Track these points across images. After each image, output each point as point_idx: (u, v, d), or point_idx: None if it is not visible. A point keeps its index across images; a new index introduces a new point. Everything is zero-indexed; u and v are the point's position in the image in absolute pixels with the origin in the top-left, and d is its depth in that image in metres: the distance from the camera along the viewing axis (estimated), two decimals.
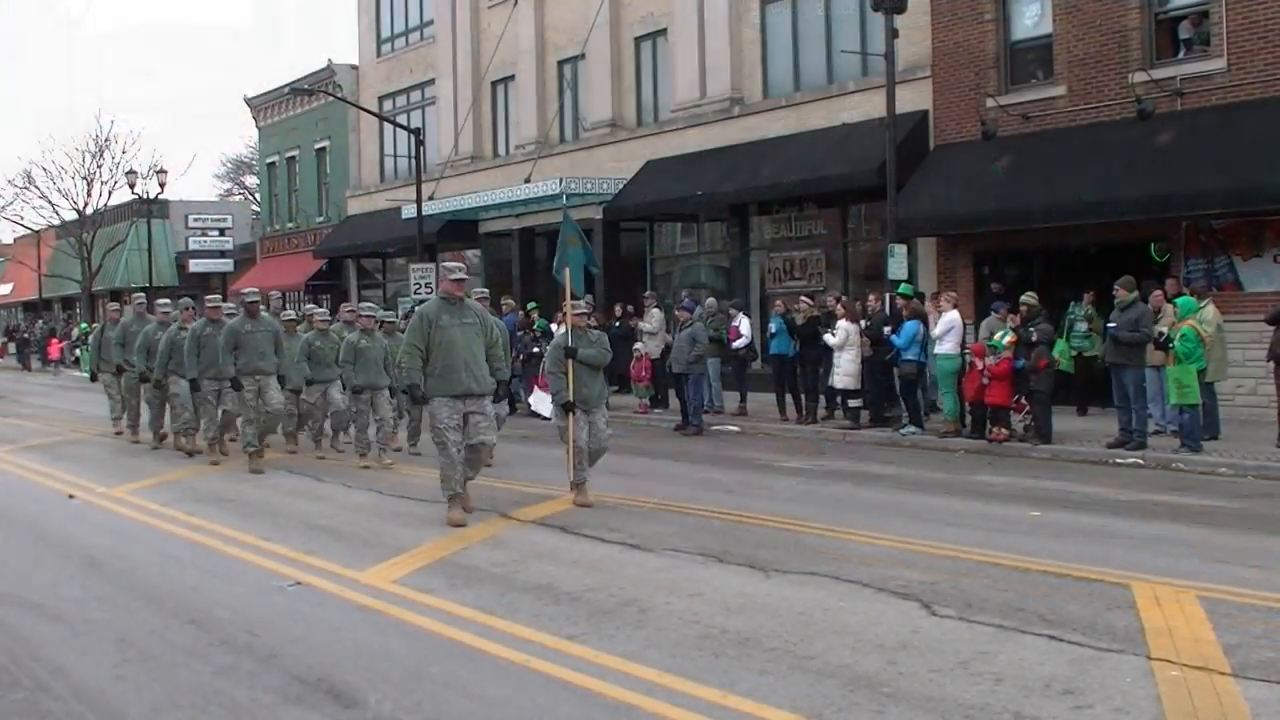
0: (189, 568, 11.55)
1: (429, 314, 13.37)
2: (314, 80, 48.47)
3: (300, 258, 50.24)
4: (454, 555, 11.68)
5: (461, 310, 13.47)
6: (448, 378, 13.19)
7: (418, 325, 13.34)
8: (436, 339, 13.21)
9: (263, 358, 18.49)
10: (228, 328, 18.60)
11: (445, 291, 13.63)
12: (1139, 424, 18.21)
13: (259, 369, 18.41)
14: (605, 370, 15.14)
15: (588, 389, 14.53)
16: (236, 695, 7.58)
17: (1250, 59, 21.21)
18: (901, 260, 23.14)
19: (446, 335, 13.20)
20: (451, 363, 13.18)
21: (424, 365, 13.31)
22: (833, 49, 29.04)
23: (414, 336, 13.31)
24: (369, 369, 18.85)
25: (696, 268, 33.82)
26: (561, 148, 37.30)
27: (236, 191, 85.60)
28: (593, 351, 14.60)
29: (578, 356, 14.45)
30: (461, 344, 13.25)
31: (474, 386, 13.33)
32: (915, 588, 9.81)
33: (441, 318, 13.28)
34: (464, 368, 13.23)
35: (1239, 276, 21.44)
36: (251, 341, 18.40)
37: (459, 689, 7.57)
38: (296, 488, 16.53)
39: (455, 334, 13.24)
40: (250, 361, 18.36)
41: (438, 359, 13.21)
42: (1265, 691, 7.14)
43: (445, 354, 13.20)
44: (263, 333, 18.64)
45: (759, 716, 6.92)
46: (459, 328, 13.29)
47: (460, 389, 13.23)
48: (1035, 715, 6.84)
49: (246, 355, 18.35)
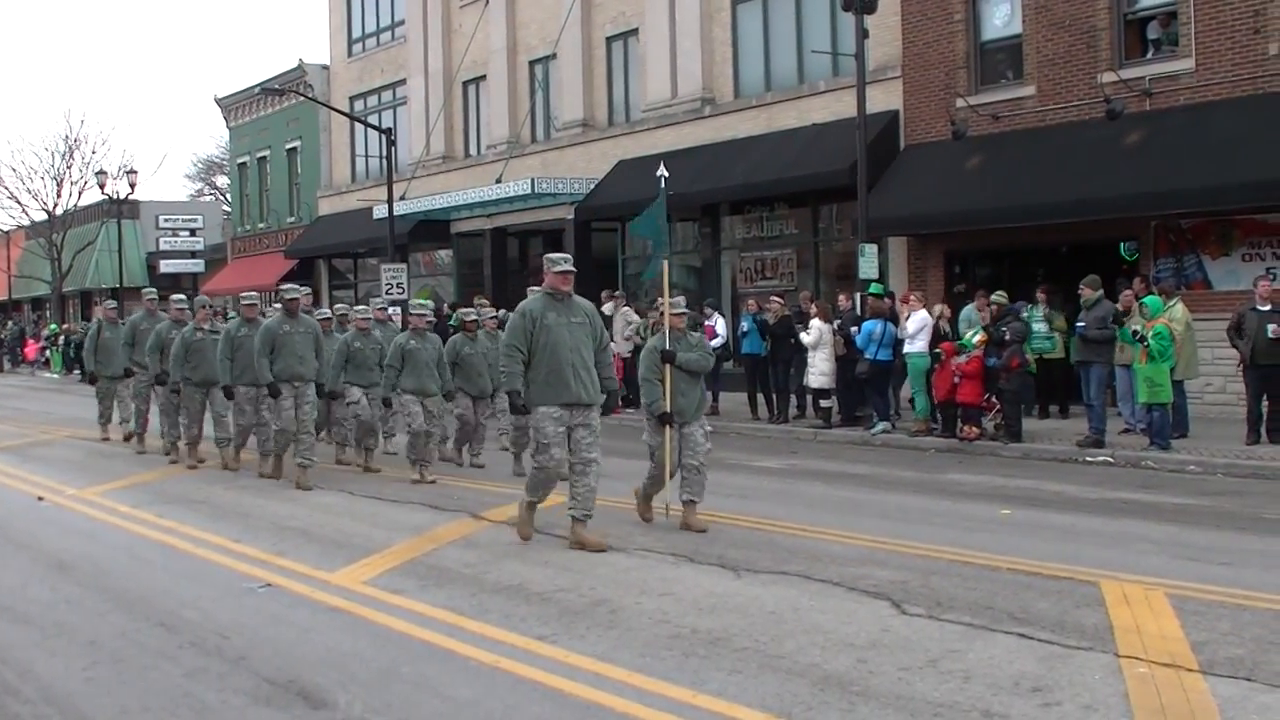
0: (159, 570, 11.52)
1: (533, 311, 11.75)
2: (285, 80, 48.37)
3: (271, 258, 50.11)
4: (424, 556, 11.66)
5: (570, 307, 11.86)
6: (553, 384, 11.62)
7: (519, 324, 11.71)
8: (541, 340, 11.61)
9: (302, 362, 16.79)
10: (264, 328, 16.90)
11: (551, 285, 11.90)
12: (1097, 421, 18.26)
13: (298, 374, 16.76)
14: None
15: (685, 398, 12.98)
16: (206, 697, 7.56)
17: (1218, 59, 21.32)
18: (872, 260, 23.18)
19: (552, 336, 11.62)
20: (558, 367, 11.60)
21: (526, 370, 11.64)
22: (803, 49, 29.08)
23: (514, 337, 11.69)
24: (419, 372, 16.90)
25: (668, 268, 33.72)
26: (533, 147, 37.29)
27: (207, 192, 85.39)
28: (694, 356, 13.06)
29: (676, 361, 12.93)
30: (569, 346, 11.68)
31: (583, 395, 11.73)
32: (886, 586, 9.83)
33: (547, 315, 11.68)
34: (572, 373, 11.65)
35: (1208, 275, 21.56)
36: (290, 343, 16.69)
37: (429, 689, 7.56)
38: (267, 489, 16.48)
39: (562, 334, 11.67)
40: (289, 366, 16.68)
41: (542, 363, 11.63)
42: (1233, 688, 7.18)
43: (550, 357, 11.61)
44: (302, 334, 16.91)
45: (729, 716, 6.93)
46: (566, 327, 11.71)
47: (569, 397, 11.67)
48: (1004, 713, 6.87)
49: (284, 359, 16.66)
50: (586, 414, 11.82)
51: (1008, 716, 6.81)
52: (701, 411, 13.25)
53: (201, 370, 18.46)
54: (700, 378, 13.27)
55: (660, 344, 13.11)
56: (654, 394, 12.93)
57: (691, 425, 12.96)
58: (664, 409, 12.87)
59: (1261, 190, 19.77)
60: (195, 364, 18.56)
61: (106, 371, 22.52)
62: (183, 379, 18.71)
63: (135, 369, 21.12)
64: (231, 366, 17.49)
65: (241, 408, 17.95)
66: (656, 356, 12.99)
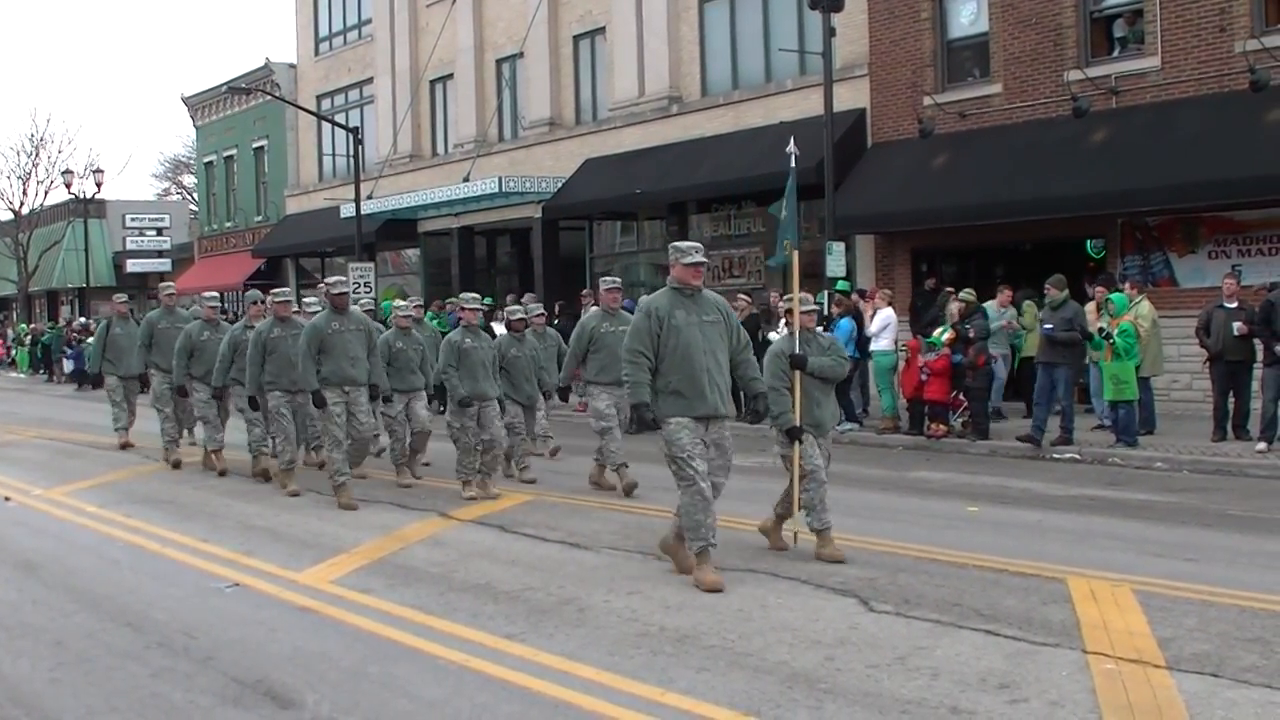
0: (126, 570, 11.47)
1: (659, 309, 10.17)
2: (251, 79, 48.23)
3: (238, 257, 49.99)
4: (392, 555, 11.63)
5: (700, 304, 10.28)
6: (686, 394, 10.03)
7: (644, 325, 10.13)
8: (670, 343, 10.04)
9: (354, 364, 14.81)
10: (310, 326, 14.90)
11: (679, 279, 10.34)
12: (1039, 421, 18.29)
13: (349, 378, 14.75)
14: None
15: (820, 409, 11.33)
16: (173, 697, 7.53)
17: (1184, 57, 21.43)
18: (840, 258, 23.22)
19: (683, 338, 10.06)
20: (691, 374, 10.00)
21: (653, 378, 10.42)
22: (770, 48, 29.13)
23: (638, 340, 10.13)
24: (476, 375, 15.03)
25: (636, 266, 33.84)
26: (500, 146, 37.25)
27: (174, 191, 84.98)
28: (828, 360, 11.37)
29: (807, 367, 11.19)
30: (702, 349, 10.09)
31: (719, 407, 10.22)
32: (853, 584, 9.86)
33: (675, 314, 10.10)
34: (708, 380, 10.07)
35: (1174, 273, 21.67)
36: (340, 343, 14.70)
37: (397, 689, 7.54)
38: (236, 489, 16.39)
39: (694, 335, 10.09)
40: (339, 368, 14.68)
41: (671, 369, 10.05)
42: (1199, 684, 7.22)
43: (682, 362, 10.04)
44: (353, 332, 14.90)
45: (697, 714, 6.93)
46: (699, 327, 10.13)
47: (704, 409, 10.10)
48: (971, 709, 6.89)
49: (334, 360, 14.67)
50: (720, 429, 10.32)
51: (975, 713, 6.83)
52: (834, 424, 11.93)
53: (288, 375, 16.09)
54: (834, 386, 11.67)
55: (788, 347, 11.33)
56: (783, 405, 11.24)
57: (824, 441, 11.42)
58: (792, 422, 11.01)
59: (1227, 188, 19.89)
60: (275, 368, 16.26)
61: (118, 371, 21.19)
62: (232, 381, 17.02)
63: (154, 372, 19.38)
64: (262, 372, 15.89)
65: (279, 414, 15.97)
66: (784, 362, 11.17)
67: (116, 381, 21.25)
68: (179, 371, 17.95)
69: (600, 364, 15.27)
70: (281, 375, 15.80)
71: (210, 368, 17.36)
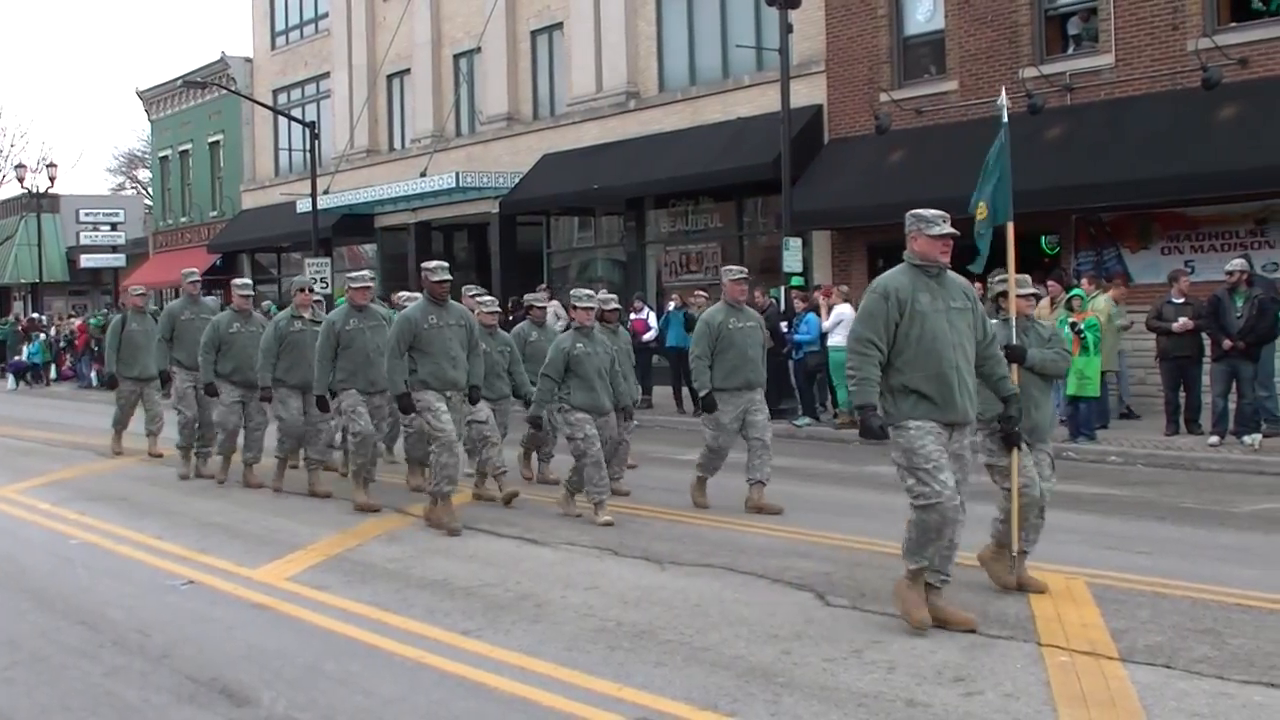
0: (80, 568, 11.38)
1: (899, 290, 8.49)
2: (207, 73, 47.94)
3: (194, 252, 49.66)
4: (349, 552, 11.60)
5: (947, 287, 8.64)
6: (933, 395, 8.37)
7: (880, 308, 8.47)
8: (912, 332, 8.39)
9: (454, 364, 12.74)
10: (403, 318, 12.73)
11: (922, 255, 8.68)
12: None
13: (450, 380, 12.68)
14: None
15: (1039, 410, 9.64)
16: (128, 696, 7.49)
17: (1137, 55, 21.58)
18: (797, 253, 23.29)
19: (929, 326, 8.40)
20: (939, 371, 8.38)
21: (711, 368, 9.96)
22: (728, 43, 29.17)
23: (870, 326, 8.45)
24: (591, 384, 13.07)
25: (593, 261, 33.85)
26: (458, 141, 37.17)
27: (129, 185, 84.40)
28: (1049, 353, 9.69)
29: (1026, 361, 9.54)
30: (950, 342, 8.46)
31: (969, 411, 8.61)
32: (810, 578, 9.89)
33: (919, 298, 8.46)
34: (957, 379, 8.42)
35: (1128, 268, 21.80)
36: (439, 340, 12.59)
37: (353, 686, 7.52)
38: (193, 486, 16.30)
39: (941, 324, 8.39)
40: (438, 369, 12.57)
41: (915, 364, 8.38)
42: (1152, 675, 7.28)
43: (928, 357, 8.39)
44: (453, 327, 12.77)
45: (654, 708, 6.95)
46: (945, 314, 8.46)
47: (953, 414, 8.45)
48: (927, 702, 6.92)
49: (433, 360, 12.57)
50: (963, 438, 8.62)
51: (931, 706, 6.87)
52: (1053, 429, 10.13)
53: (298, 372, 14.97)
54: (1053, 383, 10.18)
55: (1005, 336, 9.52)
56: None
57: (1040, 449, 9.75)
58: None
59: (1180, 184, 20.04)
60: (290, 363, 15.02)
61: (131, 372, 19.09)
62: (275, 382, 15.08)
63: (175, 370, 17.50)
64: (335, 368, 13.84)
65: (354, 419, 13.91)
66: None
67: (133, 385, 19.18)
68: (207, 368, 15.94)
69: (730, 365, 13.05)
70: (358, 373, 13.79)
71: (238, 364, 15.75)
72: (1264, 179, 19.29)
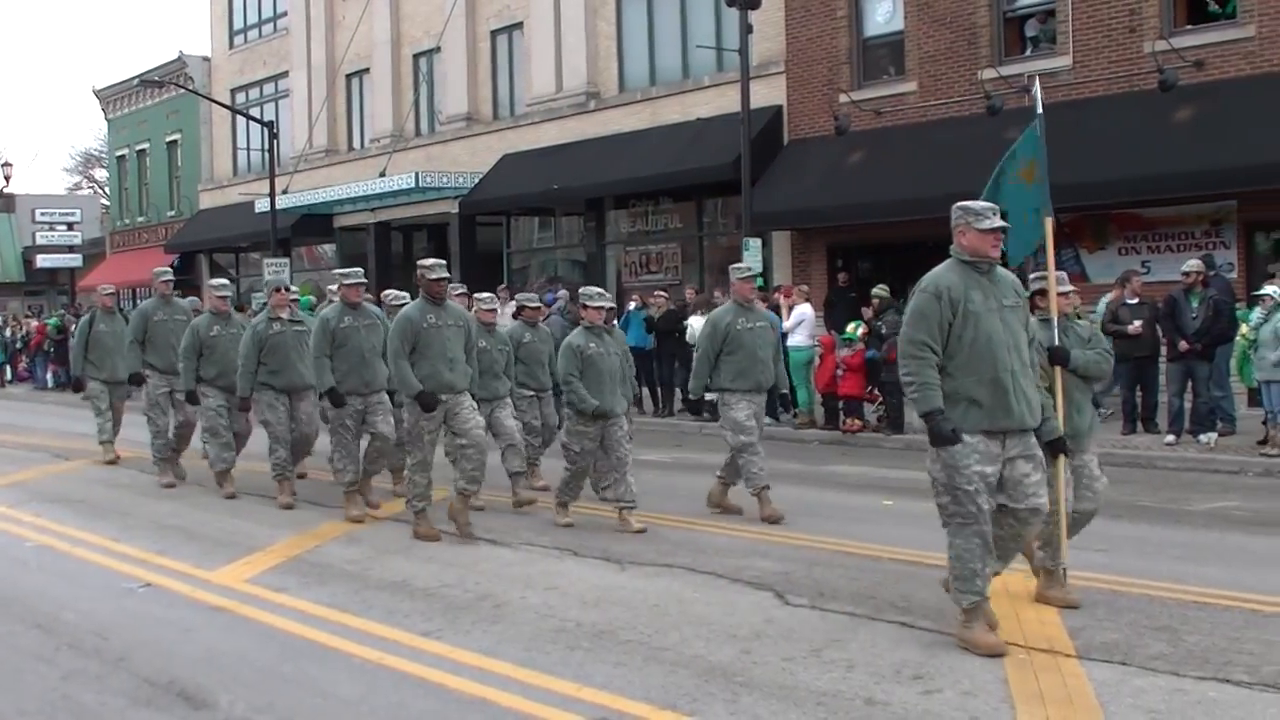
0: (35, 570, 11.30)
1: (951, 289, 8.00)
2: (164, 72, 47.61)
3: (151, 252, 49.36)
4: (307, 553, 11.56)
5: (998, 284, 8.18)
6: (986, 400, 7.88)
7: (933, 308, 7.98)
8: (966, 334, 7.90)
9: (452, 366, 12.12)
10: (402, 318, 12.14)
11: (971, 250, 8.19)
12: None
13: (447, 384, 12.04)
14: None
15: (1081, 415, 9.31)
16: (84, 699, 7.44)
17: (1094, 57, 21.71)
18: (756, 254, 23.33)
19: (983, 327, 7.91)
20: (994, 375, 7.88)
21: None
22: (688, 44, 29.21)
23: (923, 328, 7.96)
24: (603, 385, 12.70)
25: (553, 262, 33.85)
26: (417, 141, 37.09)
27: (85, 185, 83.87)
28: (1092, 354, 9.33)
29: (1069, 363, 9.12)
30: (1005, 344, 7.95)
31: (1026, 417, 8.00)
32: (769, 578, 9.91)
33: (972, 296, 7.97)
34: (1011, 383, 7.93)
35: (1085, 268, 21.92)
36: (438, 342, 12.02)
37: (312, 688, 7.50)
38: (148, 487, 16.18)
39: (994, 325, 7.95)
40: (435, 372, 11.97)
41: (965, 367, 7.90)
42: (1108, 672, 7.33)
43: (981, 359, 7.90)
44: (452, 327, 12.22)
45: (614, 708, 6.95)
46: (998, 314, 7.98)
47: (1007, 421, 7.94)
48: (886, 701, 6.95)
49: (430, 362, 12.00)
50: (1025, 443, 8.04)
51: (890, 704, 6.90)
52: (1094, 435, 9.58)
53: (284, 375, 14.35)
54: (1090, 386, 9.70)
55: (1046, 337, 9.04)
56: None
57: (1086, 455, 9.36)
58: (1058, 431, 8.50)
59: (1136, 185, 20.17)
60: (275, 367, 14.33)
61: (100, 374, 18.24)
62: (261, 386, 14.37)
63: (148, 375, 16.68)
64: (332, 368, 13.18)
65: (342, 425, 13.42)
66: (1042, 355, 8.72)
67: (101, 387, 18.29)
68: (188, 375, 15.22)
69: (738, 367, 12.83)
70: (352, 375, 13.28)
71: (222, 368, 15.04)
72: (1219, 180, 19.47)
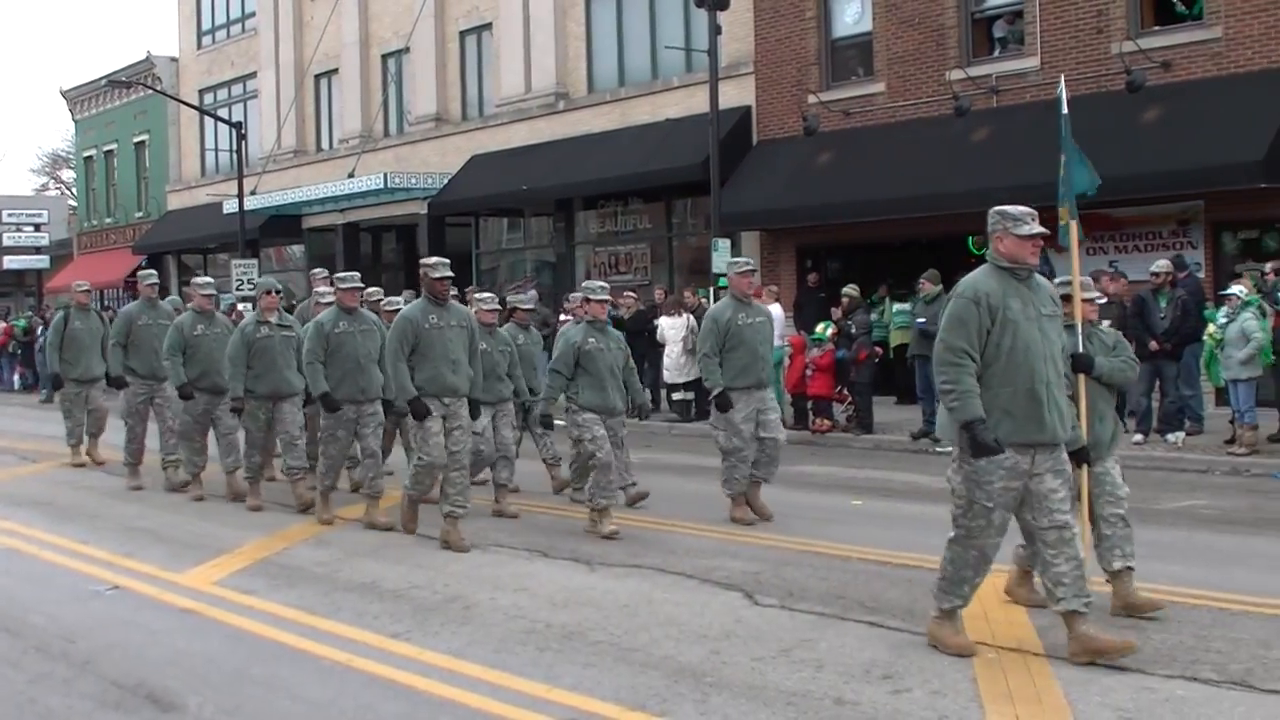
0: (2, 574, 11.22)
1: (990, 295, 7.73)
2: (132, 72, 47.44)
3: (119, 254, 49.19)
4: (276, 555, 11.52)
5: (1036, 291, 7.90)
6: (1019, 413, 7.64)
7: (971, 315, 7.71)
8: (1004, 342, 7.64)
9: (455, 369, 11.72)
10: (402, 318, 11.82)
11: (1010, 257, 7.89)
12: (929, 414, 18.50)
13: (449, 386, 11.68)
14: None
15: (1103, 424, 8.97)
16: (51, 703, 7.40)
17: (1062, 57, 21.77)
18: (725, 254, 23.33)
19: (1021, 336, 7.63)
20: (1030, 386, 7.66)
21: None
22: (657, 45, 29.22)
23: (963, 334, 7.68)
24: (603, 382, 12.51)
25: (522, 262, 33.84)
26: (386, 142, 37.03)
27: (53, 186, 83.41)
28: (1116, 362, 9.05)
29: (1094, 370, 8.89)
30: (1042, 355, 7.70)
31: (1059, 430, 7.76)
32: (738, 578, 9.92)
33: (1010, 304, 7.69)
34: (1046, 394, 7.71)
35: (1054, 268, 21.96)
36: (440, 343, 11.63)
37: (281, 690, 7.48)
38: (115, 490, 16.08)
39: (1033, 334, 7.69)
40: (437, 375, 11.61)
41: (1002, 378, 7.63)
42: (1076, 671, 7.36)
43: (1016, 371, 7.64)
44: (454, 329, 11.80)
45: (583, 709, 6.94)
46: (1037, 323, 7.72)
47: (1041, 434, 7.67)
48: (855, 700, 6.96)
49: (432, 364, 11.60)
50: (1055, 458, 7.76)
51: (859, 704, 6.91)
52: (1116, 445, 9.15)
53: (268, 380, 13.96)
54: (1116, 393, 9.47)
55: (1071, 344, 8.78)
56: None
57: (1108, 461, 8.95)
58: (1081, 441, 8.27)
59: (1104, 185, 20.15)
60: (260, 371, 13.94)
61: (74, 373, 17.77)
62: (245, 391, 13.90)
63: (129, 378, 16.15)
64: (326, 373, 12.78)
65: (333, 436, 13.06)
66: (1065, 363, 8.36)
67: (76, 387, 17.83)
68: (176, 371, 14.80)
69: (740, 364, 12.41)
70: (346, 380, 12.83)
71: (204, 369, 14.76)
72: (1186, 181, 19.55)
